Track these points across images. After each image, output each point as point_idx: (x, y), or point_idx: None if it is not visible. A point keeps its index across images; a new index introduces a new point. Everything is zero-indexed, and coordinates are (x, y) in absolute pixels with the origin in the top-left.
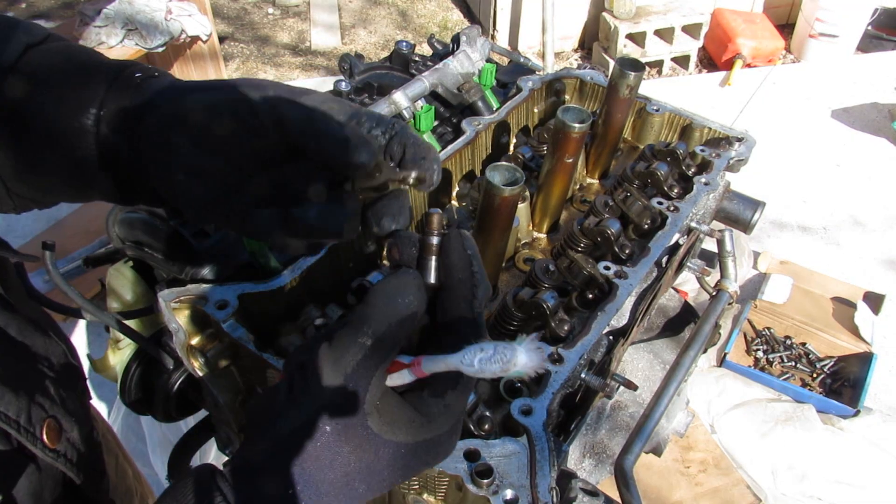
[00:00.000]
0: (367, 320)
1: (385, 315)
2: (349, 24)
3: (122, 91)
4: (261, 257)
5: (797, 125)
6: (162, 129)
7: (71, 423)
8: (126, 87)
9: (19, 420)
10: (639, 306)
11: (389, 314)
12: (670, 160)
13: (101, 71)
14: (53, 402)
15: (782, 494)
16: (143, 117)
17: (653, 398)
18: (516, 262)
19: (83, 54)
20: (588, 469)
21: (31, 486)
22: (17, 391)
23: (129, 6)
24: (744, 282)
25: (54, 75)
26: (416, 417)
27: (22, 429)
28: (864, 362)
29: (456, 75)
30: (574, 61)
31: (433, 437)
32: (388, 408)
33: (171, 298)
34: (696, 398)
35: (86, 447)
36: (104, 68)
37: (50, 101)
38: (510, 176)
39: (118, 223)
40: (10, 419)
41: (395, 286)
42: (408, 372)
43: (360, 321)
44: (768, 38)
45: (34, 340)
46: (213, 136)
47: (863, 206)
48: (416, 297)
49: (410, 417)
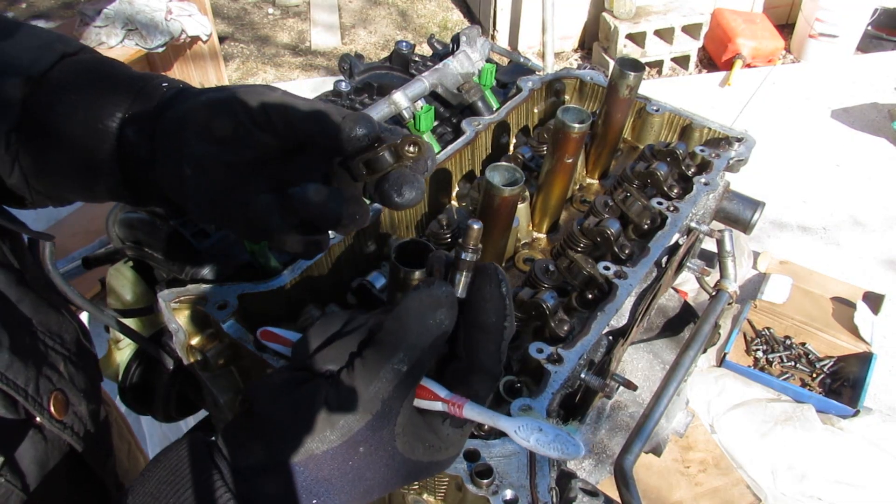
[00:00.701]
0: (400, 343)
1: (419, 337)
2: (349, 24)
3: (147, 97)
4: (261, 257)
5: (797, 125)
6: (174, 125)
7: (79, 399)
8: (151, 95)
9: (27, 389)
10: (638, 306)
11: (423, 336)
12: (670, 160)
13: (129, 80)
14: (62, 377)
15: (782, 494)
16: (160, 117)
17: (652, 398)
18: (516, 262)
19: (114, 65)
20: (588, 469)
21: (38, 455)
22: (26, 362)
23: (129, 6)
24: (743, 282)
25: (85, 81)
26: (436, 442)
27: (29, 397)
28: (864, 362)
29: (456, 75)
30: (574, 61)
31: (446, 459)
32: (412, 429)
33: (171, 298)
34: (696, 398)
35: (93, 424)
36: (132, 78)
37: (80, 104)
38: (510, 176)
39: (118, 223)
40: (18, 387)
41: (428, 303)
42: (441, 405)
43: (394, 343)
44: (768, 38)
45: (48, 317)
46: (220, 130)
47: (863, 206)
48: (448, 317)
49: (431, 442)
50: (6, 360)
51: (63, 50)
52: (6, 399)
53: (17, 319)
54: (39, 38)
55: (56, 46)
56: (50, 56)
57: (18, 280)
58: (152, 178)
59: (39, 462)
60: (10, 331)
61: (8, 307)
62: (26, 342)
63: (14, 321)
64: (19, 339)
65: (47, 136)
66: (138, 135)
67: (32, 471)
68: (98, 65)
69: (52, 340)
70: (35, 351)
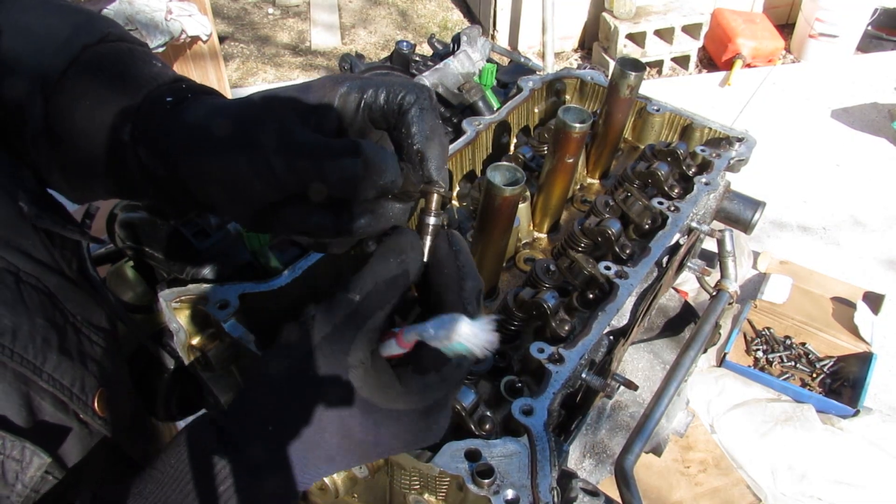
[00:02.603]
0: (358, 278)
1: (375, 273)
2: (349, 24)
3: (148, 119)
4: (261, 257)
5: (797, 125)
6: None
7: (119, 392)
8: (153, 113)
9: (73, 388)
10: (639, 306)
11: (380, 272)
12: (671, 160)
13: (137, 86)
14: (104, 371)
15: (782, 494)
16: (177, 163)
17: (653, 398)
18: (517, 262)
19: (126, 62)
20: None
21: (82, 451)
22: (73, 360)
23: (129, 6)
24: (744, 282)
25: (100, 81)
26: (394, 385)
27: (75, 396)
28: (864, 362)
29: (456, 75)
30: (574, 61)
31: (405, 411)
32: (374, 371)
33: (171, 298)
34: (696, 398)
35: (132, 416)
36: (141, 81)
37: (95, 109)
38: (511, 176)
39: (119, 223)
40: (65, 387)
41: (388, 246)
42: (394, 342)
43: (353, 280)
44: (768, 38)
45: (90, 312)
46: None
47: (863, 206)
48: (410, 257)
49: (387, 383)
50: (54, 361)
51: (85, 41)
52: (56, 401)
53: (66, 318)
54: (66, 26)
55: (79, 38)
56: (70, 51)
57: (66, 278)
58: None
59: (83, 457)
60: (58, 331)
61: (56, 307)
62: (73, 339)
63: (63, 320)
64: (67, 337)
65: (69, 142)
66: (152, 160)
67: (78, 466)
68: (112, 64)
69: (96, 335)
70: (80, 347)
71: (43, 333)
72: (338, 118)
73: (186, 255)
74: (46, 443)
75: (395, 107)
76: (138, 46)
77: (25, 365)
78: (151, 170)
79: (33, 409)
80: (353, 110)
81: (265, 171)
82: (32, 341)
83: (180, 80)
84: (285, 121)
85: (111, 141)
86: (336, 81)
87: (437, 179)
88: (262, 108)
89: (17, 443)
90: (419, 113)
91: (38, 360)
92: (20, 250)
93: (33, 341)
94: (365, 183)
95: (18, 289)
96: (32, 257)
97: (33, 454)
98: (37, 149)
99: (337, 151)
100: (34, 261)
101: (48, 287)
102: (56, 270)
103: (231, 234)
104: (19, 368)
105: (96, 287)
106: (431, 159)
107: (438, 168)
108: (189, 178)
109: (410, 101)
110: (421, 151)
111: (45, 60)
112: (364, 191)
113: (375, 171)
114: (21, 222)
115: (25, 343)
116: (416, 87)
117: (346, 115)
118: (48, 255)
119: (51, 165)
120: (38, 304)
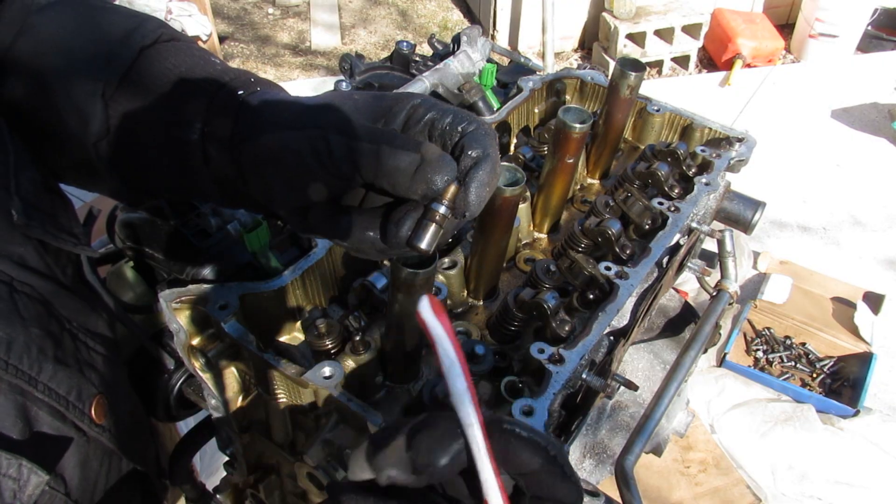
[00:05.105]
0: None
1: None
2: (349, 24)
3: (222, 113)
4: (262, 257)
5: (797, 125)
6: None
7: (117, 398)
8: (225, 110)
9: (69, 397)
10: (639, 306)
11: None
12: (671, 160)
13: (203, 85)
14: (102, 377)
15: (782, 494)
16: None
17: (653, 398)
18: (517, 263)
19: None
20: (588, 469)
21: (80, 459)
22: (69, 368)
23: (128, 6)
24: (744, 282)
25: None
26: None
27: (71, 405)
28: (864, 362)
29: (456, 75)
30: (574, 61)
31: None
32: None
33: (171, 298)
34: (696, 398)
35: (130, 421)
36: (206, 83)
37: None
38: (511, 176)
39: (119, 223)
40: (61, 397)
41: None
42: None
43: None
44: (768, 38)
45: (88, 320)
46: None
47: (863, 206)
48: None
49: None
50: (50, 371)
51: (141, 44)
52: (53, 411)
53: (62, 325)
54: (118, 31)
55: (134, 41)
56: (128, 54)
57: (62, 285)
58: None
59: (81, 465)
60: (53, 340)
61: (52, 315)
62: (69, 347)
63: (58, 328)
64: (63, 346)
65: (130, 146)
66: (221, 155)
67: (76, 474)
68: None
69: (94, 341)
70: (77, 355)
71: (38, 343)
72: (403, 125)
73: (187, 256)
74: (44, 454)
75: (458, 130)
76: (192, 44)
77: (21, 376)
78: (219, 165)
79: (30, 420)
80: (417, 122)
81: (323, 148)
82: (28, 352)
83: (247, 74)
84: (351, 112)
85: (173, 140)
86: (411, 95)
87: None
88: (331, 97)
89: (13, 461)
90: (477, 137)
91: (34, 371)
92: (13, 259)
93: (28, 352)
94: (417, 177)
95: (12, 299)
96: (26, 266)
97: (31, 472)
98: (97, 153)
99: (397, 142)
100: (28, 269)
101: (43, 295)
102: (51, 278)
103: (231, 235)
104: (14, 380)
105: (95, 291)
106: (474, 181)
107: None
108: (248, 162)
109: (472, 129)
110: (466, 171)
111: (101, 65)
112: (415, 186)
113: (431, 168)
114: (13, 230)
115: (20, 354)
116: (480, 120)
117: (410, 125)
118: (42, 263)
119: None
120: (32, 314)
